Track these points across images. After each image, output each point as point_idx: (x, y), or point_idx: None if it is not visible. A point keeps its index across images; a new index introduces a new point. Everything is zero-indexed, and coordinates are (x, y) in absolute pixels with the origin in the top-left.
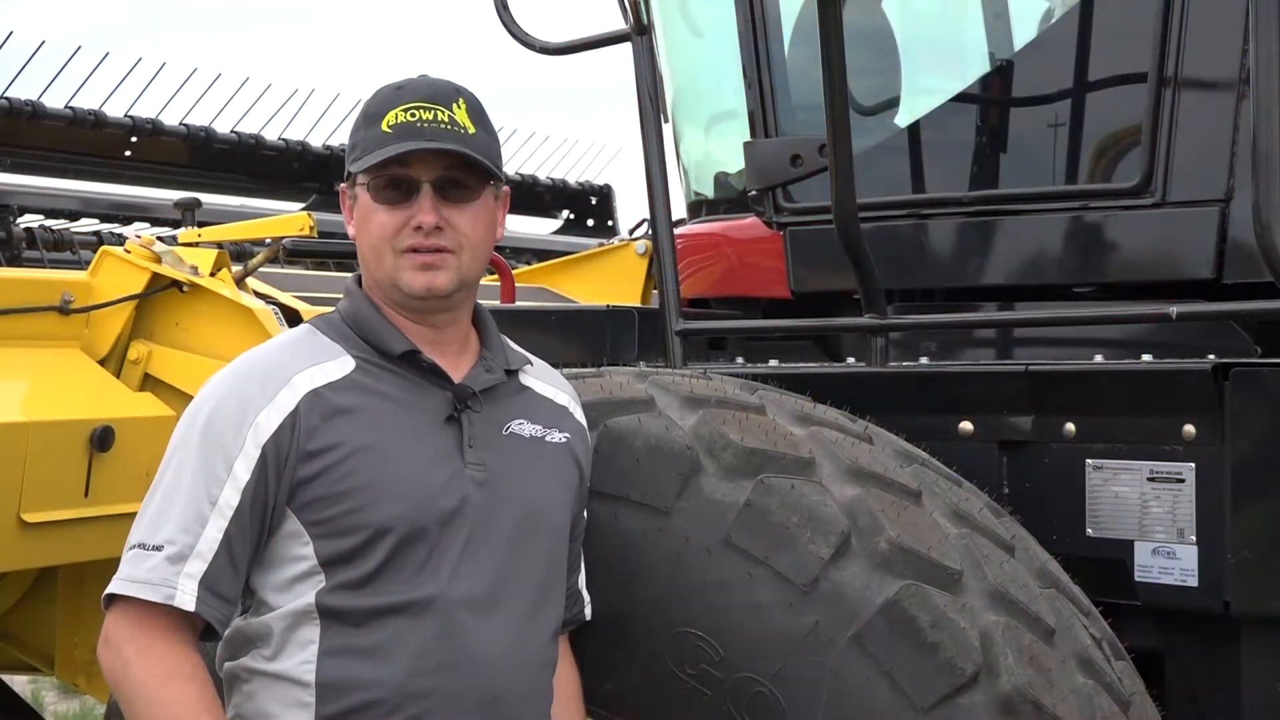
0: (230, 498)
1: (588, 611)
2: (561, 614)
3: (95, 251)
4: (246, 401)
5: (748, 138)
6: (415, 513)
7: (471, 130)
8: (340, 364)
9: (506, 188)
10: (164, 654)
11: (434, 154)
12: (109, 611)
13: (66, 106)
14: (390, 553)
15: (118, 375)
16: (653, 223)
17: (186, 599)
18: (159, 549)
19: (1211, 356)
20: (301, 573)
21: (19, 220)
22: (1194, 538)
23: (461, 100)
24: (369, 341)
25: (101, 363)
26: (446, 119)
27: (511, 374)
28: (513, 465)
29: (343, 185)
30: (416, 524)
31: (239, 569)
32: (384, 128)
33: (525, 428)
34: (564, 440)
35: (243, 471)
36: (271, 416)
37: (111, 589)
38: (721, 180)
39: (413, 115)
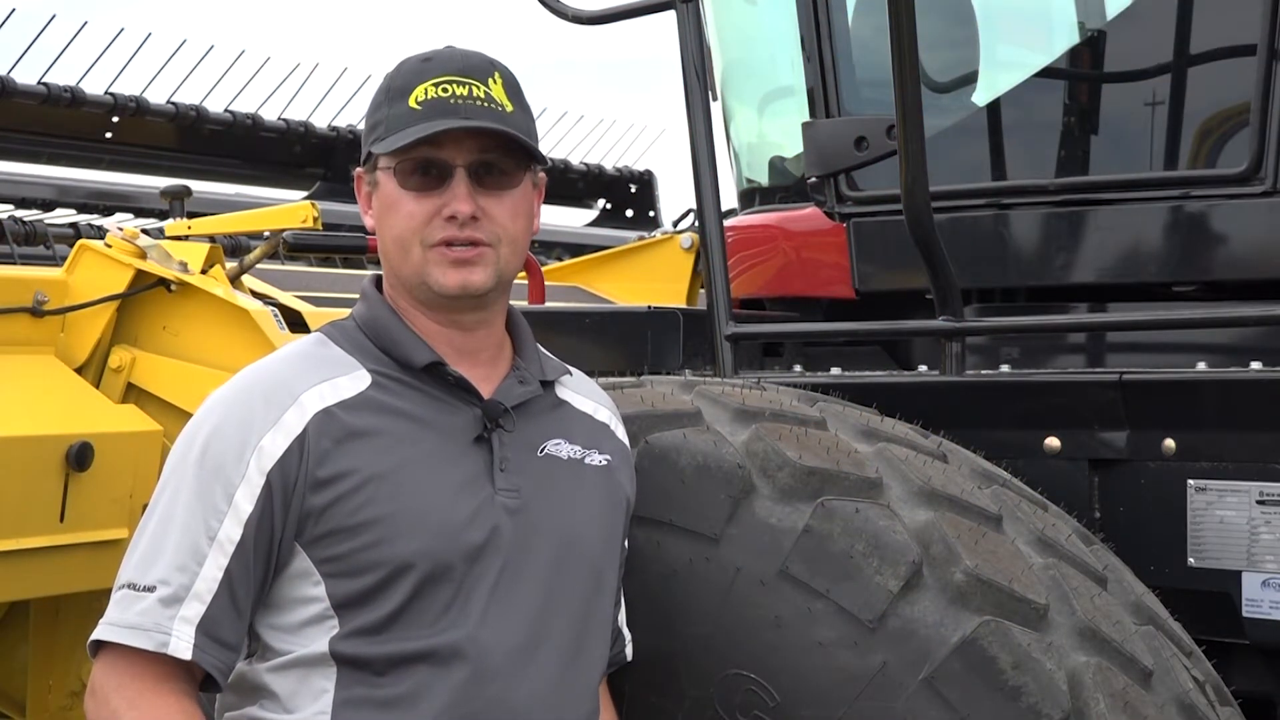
0: (231, 531)
1: (629, 651)
2: (606, 659)
3: (72, 246)
4: (248, 423)
5: (806, 117)
6: (439, 547)
7: (509, 108)
8: (354, 379)
9: (544, 175)
10: (157, 707)
11: (470, 135)
12: (96, 659)
13: (39, 82)
14: (412, 593)
15: (97, 385)
16: (700, 213)
17: (182, 646)
18: (151, 590)
19: None
20: (313, 616)
21: None
22: None
23: (497, 74)
24: (388, 352)
25: (79, 371)
26: (482, 95)
27: (547, 386)
28: (549, 491)
29: (359, 169)
30: (441, 560)
31: (242, 612)
32: (412, 104)
33: (563, 448)
34: (605, 463)
35: (245, 502)
36: (277, 440)
37: (98, 635)
38: (777, 165)
39: (445, 90)
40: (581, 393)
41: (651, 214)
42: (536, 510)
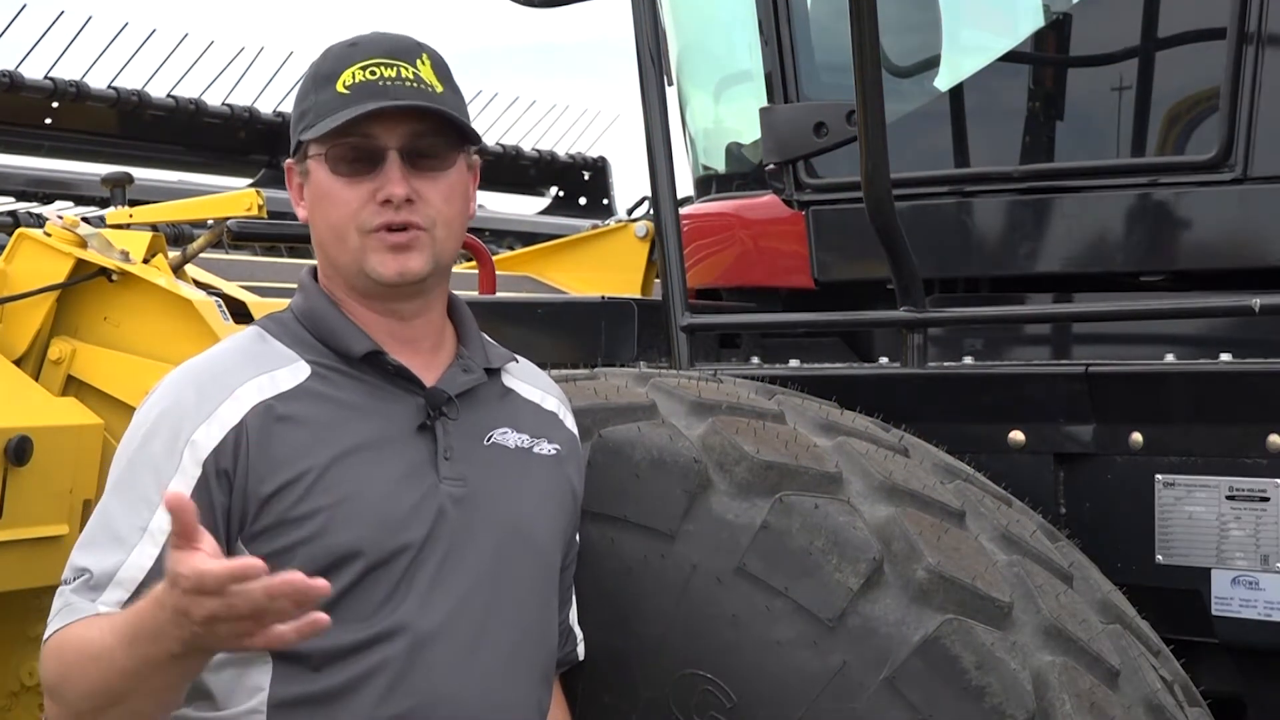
0: (164, 522)
1: (580, 651)
2: (554, 652)
3: (10, 234)
4: (180, 417)
5: (764, 102)
6: (381, 537)
7: (439, 89)
8: (293, 371)
9: (478, 158)
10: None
11: (401, 117)
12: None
13: None
14: (352, 583)
15: (36, 377)
16: (655, 201)
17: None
18: (76, 577)
19: None
20: None
21: None
22: None
23: (425, 56)
24: (326, 343)
25: (17, 363)
26: (411, 76)
27: (493, 374)
28: (496, 480)
29: (289, 160)
30: (383, 549)
31: None
32: (339, 89)
33: (510, 437)
34: (554, 452)
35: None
36: (211, 431)
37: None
38: (734, 152)
39: (373, 73)
40: (529, 381)
41: (605, 202)
42: (482, 499)
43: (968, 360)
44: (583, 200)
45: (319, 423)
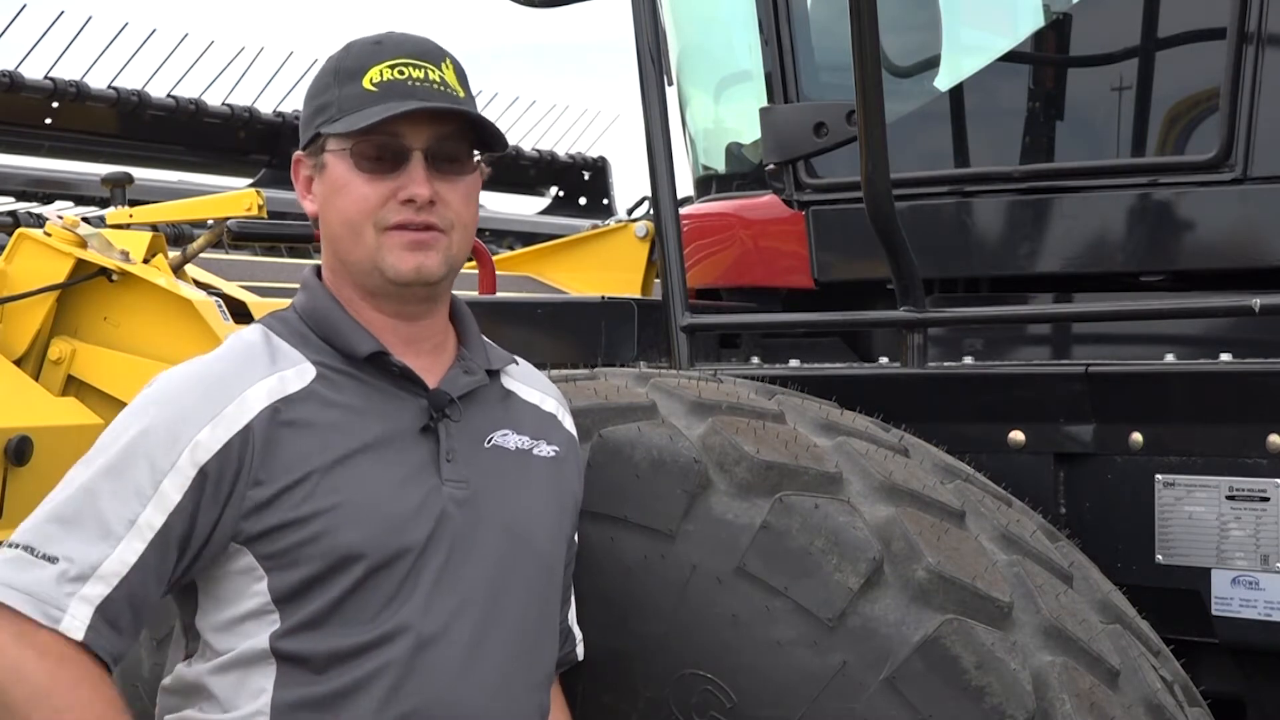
0: (153, 518)
1: (579, 651)
2: (555, 653)
3: (10, 234)
4: (185, 416)
5: (764, 103)
6: (384, 539)
7: (461, 94)
8: (299, 373)
9: (488, 166)
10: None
11: (427, 118)
12: None
13: None
14: (354, 585)
15: (36, 377)
16: (655, 201)
17: (76, 626)
18: (51, 561)
19: None
20: (251, 610)
21: None
22: None
23: (448, 60)
24: (330, 342)
25: (17, 363)
26: (438, 79)
27: (493, 376)
28: (497, 482)
29: (299, 153)
30: (385, 551)
31: (147, 602)
32: (367, 85)
33: (510, 439)
34: (553, 454)
35: (173, 491)
36: (216, 433)
37: None
38: (734, 152)
39: (400, 72)
40: (528, 383)
41: (605, 202)
42: (484, 501)
43: (968, 360)
44: (583, 200)
45: (323, 426)
